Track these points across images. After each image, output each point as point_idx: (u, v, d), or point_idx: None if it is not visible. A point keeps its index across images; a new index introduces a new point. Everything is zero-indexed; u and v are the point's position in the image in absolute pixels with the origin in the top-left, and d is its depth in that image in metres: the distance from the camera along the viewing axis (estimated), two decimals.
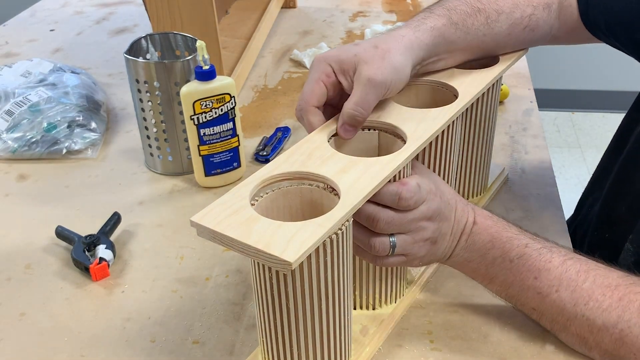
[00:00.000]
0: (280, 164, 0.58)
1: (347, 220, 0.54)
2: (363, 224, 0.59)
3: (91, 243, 0.78)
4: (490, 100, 0.79)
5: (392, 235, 0.60)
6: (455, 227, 0.63)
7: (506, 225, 0.64)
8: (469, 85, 0.71)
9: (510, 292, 0.63)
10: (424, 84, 0.73)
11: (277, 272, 0.53)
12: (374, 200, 0.58)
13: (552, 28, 0.77)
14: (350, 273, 0.59)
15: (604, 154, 0.91)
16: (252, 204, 0.55)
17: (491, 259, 0.63)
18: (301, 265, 0.52)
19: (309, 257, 0.52)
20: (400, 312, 0.69)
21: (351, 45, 0.65)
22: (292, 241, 0.49)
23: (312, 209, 0.58)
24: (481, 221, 0.64)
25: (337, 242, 0.54)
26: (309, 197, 0.58)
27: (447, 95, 0.71)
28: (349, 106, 0.61)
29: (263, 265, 0.53)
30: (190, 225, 0.52)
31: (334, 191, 0.56)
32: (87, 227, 0.81)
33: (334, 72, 0.63)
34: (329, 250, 0.53)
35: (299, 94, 1.12)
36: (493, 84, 0.76)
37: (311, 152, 0.60)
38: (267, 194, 0.57)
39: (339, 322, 0.59)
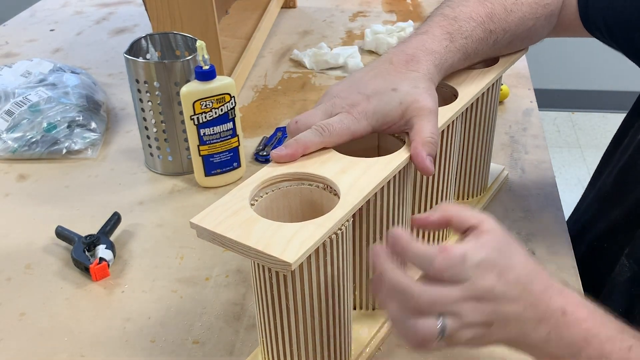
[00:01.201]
0: (280, 165, 0.59)
1: (347, 221, 0.54)
2: (397, 299, 0.50)
3: (91, 243, 0.78)
4: (490, 100, 0.79)
5: (440, 315, 0.49)
6: (528, 312, 0.51)
7: (604, 318, 0.52)
8: (469, 85, 0.71)
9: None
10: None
11: (276, 272, 0.53)
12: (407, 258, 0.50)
13: (550, 26, 0.78)
14: (350, 273, 0.59)
15: (602, 156, 0.90)
16: (252, 204, 0.55)
17: (586, 358, 0.51)
18: (301, 265, 0.52)
19: (309, 257, 0.52)
20: None
21: (389, 91, 0.62)
22: (292, 242, 0.49)
23: (312, 210, 0.58)
24: (572, 311, 0.51)
25: (337, 242, 0.54)
26: (308, 197, 0.58)
27: (447, 95, 0.71)
28: (427, 136, 0.60)
29: (263, 266, 0.53)
30: (190, 226, 0.52)
31: (333, 191, 0.56)
32: (87, 227, 0.81)
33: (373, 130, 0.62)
34: (328, 251, 0.53)
35: (299, 94, 1.12)
36: (493, 84, 0.76)
37: (311, 152, 0.60)
38: (267, 194, 0.57)
39: (339, 322, 0.59)
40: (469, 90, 0.70)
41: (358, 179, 0.56)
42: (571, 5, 0.76)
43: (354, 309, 0.68)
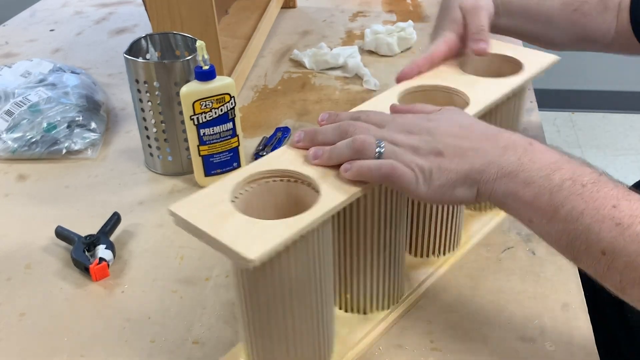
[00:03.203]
0: (269, 161, 0.59)
1: (325, 221, 0.54)
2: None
3: (91, 243, 0.78)
4: (511, 111, 0.76)
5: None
6: (485, 144, 0.55)
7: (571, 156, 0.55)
8: (483, 92, 0.70)
9: (577, 227, 0.51)
10: (435, 90, 0.73)
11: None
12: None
13: (610, 28, 0.78)
14: (330, 273, 0.58)
15: None
16: (234, 199, 0.55)
17: (558, 181, 0.52)
18: (271, 262, 0.51)
19: (280, 255, 0.51)
20: (392, 319, 0.68)
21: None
22: (260, 239, 0.49)
23: (298, 206, 0.58)
24: (539, 144, 0.56)
25: (312, 242, 0.53)
26: (294, 193, 0.58)
27: (459, 102, 0.71)
28: (474, 25, 0.75)
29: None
30: (168, 213, 0.53)
31: (317, 190, 0.56)
32: (87, 227, 0.81)
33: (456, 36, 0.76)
34: (303, 250, 0.53)
35: (299, 94, 1.12)
36: (515, 94, 0.73)
37: (302, 152, 0.60)
38: (251, 188, 0.57)
39: (316, 321, 0.58)
40: (481, 98, 0.69)
41: (342, 183, 0.56)
42: (624, 10, 0.78)
43: (346, 311, 0.68)
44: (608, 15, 0.79)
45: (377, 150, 0.55)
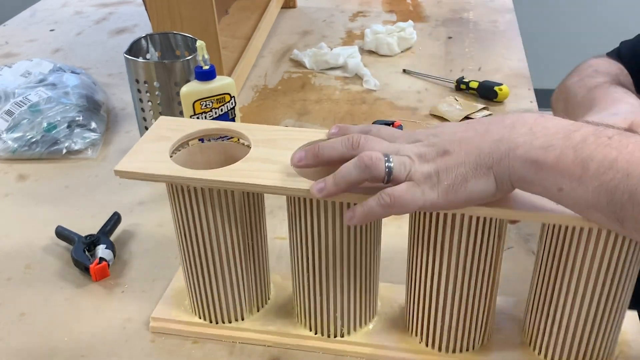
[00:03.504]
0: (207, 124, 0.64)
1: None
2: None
3: (91, 243, 0.78)
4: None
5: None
6: (491, 127, 0.51)
7: None
8: None
9: (614, 176, 0.46)
10: None
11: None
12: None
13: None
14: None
15: None
16: (172, 155, 0.60)
17: (580, 138, 0.47)
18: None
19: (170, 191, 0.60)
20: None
21: None
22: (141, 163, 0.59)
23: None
24: (551, 115, 0.52)
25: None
26: (229, 152, 0.63)
27: None
28: None
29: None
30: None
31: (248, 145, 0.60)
32: (87, 227, 0.81)
33: None
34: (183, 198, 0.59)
35: (299, 94, 1.11)
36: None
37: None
38: (184, 148, 0.62)
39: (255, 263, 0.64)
40: None
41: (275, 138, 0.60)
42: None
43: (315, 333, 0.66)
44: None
45: (386, 165, 0.51)
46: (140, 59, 0.88)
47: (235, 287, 0.65)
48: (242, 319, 0.67)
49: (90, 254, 0.77)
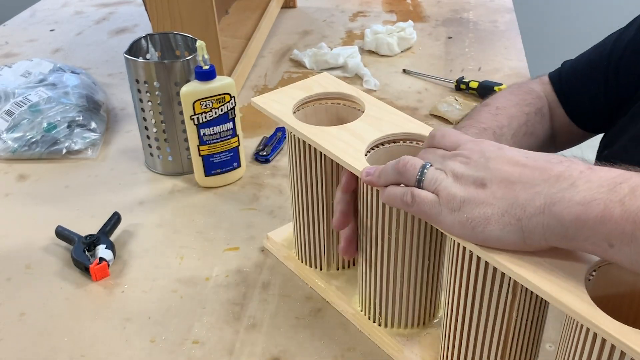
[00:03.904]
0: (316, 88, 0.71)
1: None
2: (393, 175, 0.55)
3: (91, 243, 0.78)
4: None
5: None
6: (535, 174, 0.48)
7: None
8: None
9: None
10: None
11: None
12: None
13: (549, 130, 0.82)
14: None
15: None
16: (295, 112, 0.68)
17: (629, 190, 0.43)
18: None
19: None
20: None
21: None
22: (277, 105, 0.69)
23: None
24: (602, 166, 0.47)
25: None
26: (335, 114, 0.70)
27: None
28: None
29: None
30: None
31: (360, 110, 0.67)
32: (87, 227, 0.81)
33: None
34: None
35: None
36: None
37: None
38: (300, 110, 0.69)
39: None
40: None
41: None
42: (559, 108, 0.83)
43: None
44: (545, 121, 0.82)
45: (418, 174, 0.52)
46: (140, 59, 0.88)
47: (331, 236, 0.72)
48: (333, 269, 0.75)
49: (90, 254, 0.77)
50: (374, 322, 0.67)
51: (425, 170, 0.52)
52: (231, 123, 0.87)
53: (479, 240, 0.49)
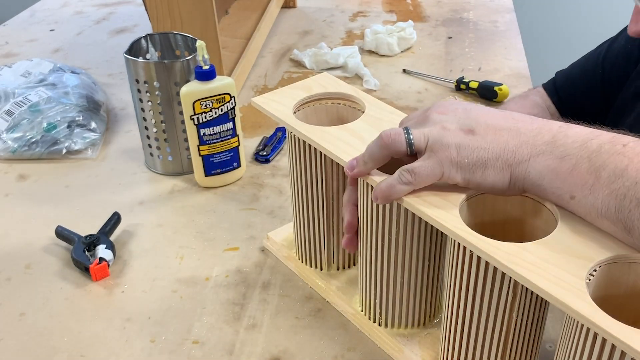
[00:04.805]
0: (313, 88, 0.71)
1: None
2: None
3: (91, 243, 0.78)
4: None
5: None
6: (521, 127, 0.52)
7: None
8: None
9: (623, 183, 0.46)
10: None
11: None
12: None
13: None
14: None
15: None
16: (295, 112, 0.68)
17: (596, 146, 0.48)
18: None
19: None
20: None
21: None
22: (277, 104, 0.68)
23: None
24: (576, 124, 0.52)
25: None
26: (336, 114, 0.70)
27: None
28: None
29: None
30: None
31: (361, 109, 0.67)
32: (87, 227, 0.81)
33: None
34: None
35: None
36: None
37: None
38: (300, 110, 0.69)
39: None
40: None
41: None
42: (555, 114, 0.86)
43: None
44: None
45: (405, 137, 0.53)
46: (140, 59, 0.88)
47: (331, 236, 0.72)
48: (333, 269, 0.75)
49: (90, 254, 0.77)
50: (374, 322, 0.67)
51: (410, 132, 0.53)
52: (231, 123, 0.87)
53: (476, 184, 0.52)
